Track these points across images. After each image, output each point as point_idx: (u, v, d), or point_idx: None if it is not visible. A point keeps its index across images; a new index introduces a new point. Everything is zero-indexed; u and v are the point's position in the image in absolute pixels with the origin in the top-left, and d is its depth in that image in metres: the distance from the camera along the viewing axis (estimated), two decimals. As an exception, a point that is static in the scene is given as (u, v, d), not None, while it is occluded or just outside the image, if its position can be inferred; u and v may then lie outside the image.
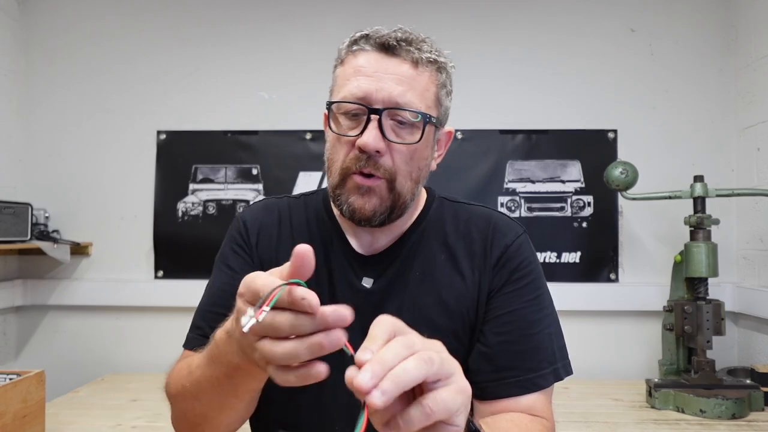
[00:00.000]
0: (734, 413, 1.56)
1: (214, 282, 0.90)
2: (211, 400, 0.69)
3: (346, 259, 0.88)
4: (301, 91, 2.19)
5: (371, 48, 0.82)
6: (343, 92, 0.82)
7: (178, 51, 2.22)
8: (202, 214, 2.17)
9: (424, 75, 0.83)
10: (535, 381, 0.82)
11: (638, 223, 2.12)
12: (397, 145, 0.80)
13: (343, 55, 0.86)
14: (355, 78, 0.81)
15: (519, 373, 0.81)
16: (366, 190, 0.81)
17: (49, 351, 2.17)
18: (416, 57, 0.82)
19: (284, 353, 0.47)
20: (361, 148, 0.78)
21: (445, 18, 2.18)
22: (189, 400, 0.72)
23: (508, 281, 0.86)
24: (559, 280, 2.08)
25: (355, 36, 0.85)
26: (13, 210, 1.91)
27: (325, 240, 0.90)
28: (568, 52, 2.16)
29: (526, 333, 0.84)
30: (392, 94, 0.79)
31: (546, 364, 0.83)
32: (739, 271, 2.06)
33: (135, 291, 2.15)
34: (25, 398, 1.31)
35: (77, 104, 2.23)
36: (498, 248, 0.88)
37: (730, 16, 2.12)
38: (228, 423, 0.74)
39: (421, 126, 0.81)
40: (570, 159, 2.13)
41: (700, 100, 2.13)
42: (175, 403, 0.78)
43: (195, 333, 0.87)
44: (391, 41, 0.81)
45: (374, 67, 0.81)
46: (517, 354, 0.82)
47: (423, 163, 0.85)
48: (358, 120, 0.81)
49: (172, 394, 0.78)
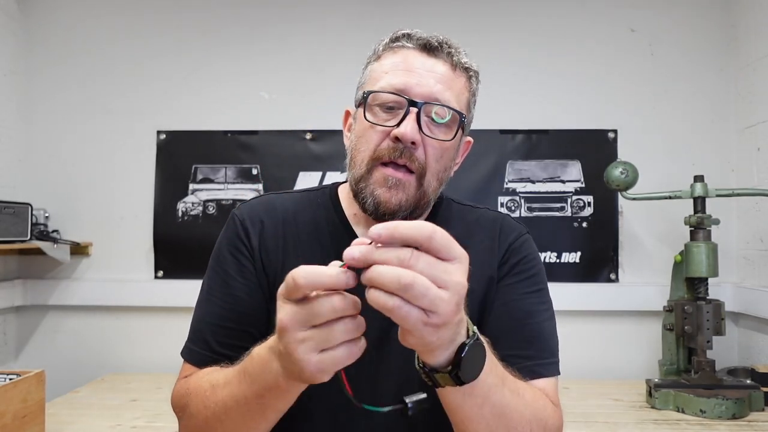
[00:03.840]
0: (734, 413, 1.56)
1: (214, 290, 0.85)
2: (236, 421, 0.67)
3: None
4: (302, 91, 2.19)
5: (413, 46, 0.83)
6: (382, 83, 0.82)
7: (178, 51, 2.22)
8: (202, 214, 2.17)
9: (460, 79, 0.85)
10: (534, 368, 0.81)
11: (638, 223, 2.12)
12: (430, 140, 0.81)
13: (380, 51, 0.87)
14: (395, 72, 0.82)
15: (520, 360, 0.80)
16: (394, 182, 0.80)
17: (49, 351, 2.17)
18: (455, 61, 0.84)
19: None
20: (397, 137, 0.78)
21: (445, 18, 2.18)
22: (211, 422, 0.70)
23: (511, 273, 0.87)
24: (559, 280, 2.08)
25: (396, 34, 0.86)
26: (13, 210, 1.91)
27: (336, 241, 0.87)
28: (568, 52, 2.16)
29: (527, 321, 0.84)
30: (432, 90, 0.80)
31: (547, 354, 0.83)
32: (739, 271, 2.06)
33: (135, 291, 2.15)
34: (25, 398, 1.31)
35: (77, 104, 2.23)
36: (504, 244, 0.89)
37: (730, 16, 2.12)
38: None
39: (454, 126, 0.82)
40: (570, 159, 2.13)
41: (700, 100, 2.13)
42: (189, 421, 0.75)
43: (201, 347, 0.83)
44: (434, 42, 0.83)
45: (415, 64, 0.82)
46: (518, 341, 0.82)
47: (449, 164, 0.86)
48: (394, 113, 0.81)
49: (187, 412, 0.75)
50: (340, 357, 0.52)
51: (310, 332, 0.52)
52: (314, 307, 0.51)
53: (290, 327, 0.52)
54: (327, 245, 0.87)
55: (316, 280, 0.51)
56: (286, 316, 0.52)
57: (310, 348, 0.52)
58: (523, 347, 0.82)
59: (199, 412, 0.72)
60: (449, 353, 0.56)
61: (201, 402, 0.72)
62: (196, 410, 0.73)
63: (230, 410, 0.67)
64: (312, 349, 0.52)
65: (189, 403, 0.75)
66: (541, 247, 2.10)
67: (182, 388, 0.79)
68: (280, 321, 0.53)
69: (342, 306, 0.51)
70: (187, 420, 0.76)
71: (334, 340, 0.52)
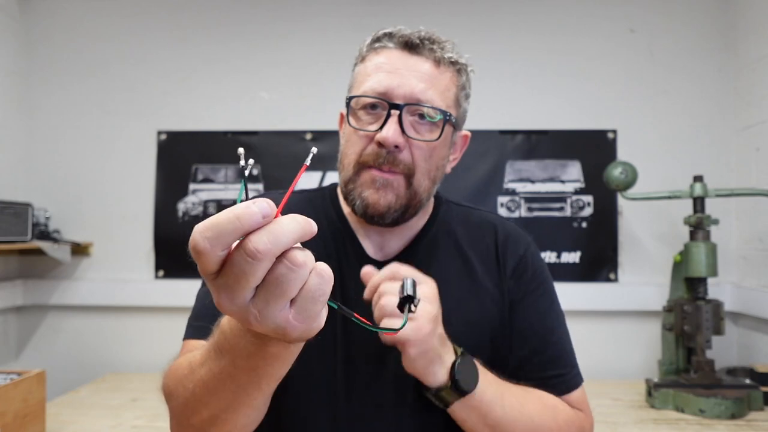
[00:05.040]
0: (733, 413, 1.56)
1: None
2: (223, 399, 0.60)
3: (359, 263, 0.84)
4: (301, 92, 2.20)
5: (394, 45, 0.83)
6: (364, 87, 0.81)
7: (178, 51, 2.23)
8: (202, 214, 2.17)
9: (445, 75, 0.83)
10: (563, 386, 0.86)
11: (638, 223, 2.12)
12: (416, 142, 0.80)
13: (364, 52, 0.86)
14: (377, 74, 0.81)
15: (553, 379, 0.85)
16: (382, 183, 0.79)
17: (49, 351, 2.18)
18: (438, 56, 0.82)
19: None
20: (380, 143, 0.78)
21: (445, 19, 2.18)
22: (192, 404, 0.64)
23: (527, 292, 0.88)
24: (559, 280, 2.05)
25: (378, 34, 0.85)
26: (13, 210, 1.92)
27: (336, 242, 0.87)
28: (567, 52, 2.16)
29: (550, 340, 0.87)
30: (414, 91, 0.79)
31: (571, 366, 0.88)
32: (739, 271, 2.06)
33: (135, 291, 2.16)
34: (25, 398, 1.31)
35: (78, 104, 2.23)
36: (513, 258, 0.89)
37: (729, 17, 2.12)
38: (244, 424, 0.64)
39: (440, 124, 0.81)
40: (570, 159, 2.14)
41: (700, 100, 2.13)
42: (174, 406, 0.69)
43: (201, 323, 0.79)
44: (415, 39, 0.82)
45: (396, 64, 0.81)
46: (546, 363, 0.86)
47: (440, 162, 0.85)
48: (378, 115, 0.80)
49: (169, 395, 0.70)
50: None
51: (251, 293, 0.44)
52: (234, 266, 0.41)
53: (224, 305, 0.44)
54: (328, 245, 0.87)
55: (216, 230, 0.40)
56: (215, 297, 0.44)
57: (259, 306, 0.44)
58: (551, 368, 0.86)
59: (179, 394, 0.67)
60: (445, 371, 0.73)
61: (180, 383, 0.67)
62: (176, 392, 0.68)
63: (214, 389, 0.60)
64: (264, 306, 0.44)
65: (168, 382, 0.71)
66: (541, 247, 2.10)
67: (168, 368, 0.73)
68: (218, 306, 0.45)
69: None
70: (170, 404, 0.70)
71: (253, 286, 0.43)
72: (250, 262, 0.40)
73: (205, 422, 0.63)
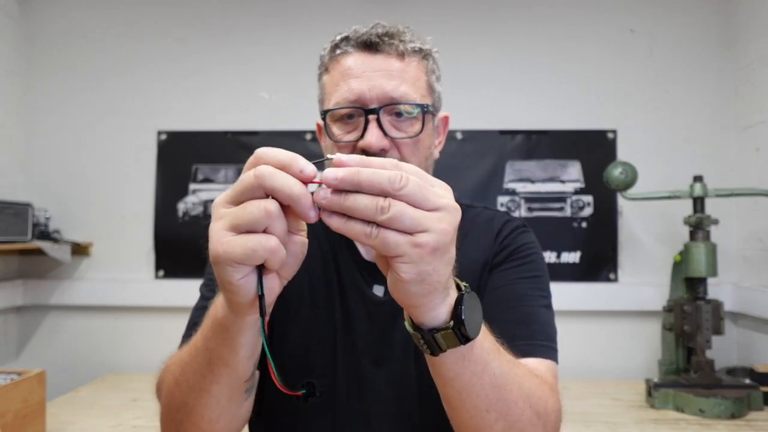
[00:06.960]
0: (733, 413, 1.56)
1: (213, 291, 0.82)
2: (190, 381, 0.64)
3: (355, 265, 0.85)
4: (302, 92, 2.19)
5: (354, 49, 0.81)
6: (335, 98, 0.80)
7: (178, 51, 2.23)
8: (202, 214, 2.17)
9: (411, 65, 0.82)
10: (525, 348, 0.75)
11: (638, 223, 2.12)
12: (401, 140, 0.79)
13: (326, 61, 0.85)
14: (345, 81, 0.79)
15: (512, 340, 0.72)
16: None
17: (49, 351, 2.18)
18: (401, 49, 0.81)
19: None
20: (365, 150, 0.77)
21: (445, 19, 2.18)
22: (173, 389, 0.67)
23: (506, 260, 0.86)
24: (559, 280, 2.08)
25: (335, 40, 0.83)
26: (13, 210, 1.92)
27: (333, 245, 0.87)
28: (567, 52, 2.16)
29: (519, 304, 0.81)
30: (386, 90, 0.78)
31: (542, 336, 0.79)
32: (739, 271, 2.06)
33: (135, 291, 2.16)
34: (25, 398, 1.31)
35: (78, 104, 2.23)
36: (503, 234, 0.88)
37: (729, 17, 2.12)
38: (210, 417, 0.65)
39: (420, 117, 0.80)
40: (570, 159, 2.14)
41: (700, 100, 2.13)
42: (162, 400, 0.72)
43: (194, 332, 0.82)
44: (373, 38, 0.81)
45: (361, 68, 0.80)
46: (509, 322, 0.77)
47: (428, 152, 0.85)
48: (355, 123, 0.80)
49: (159, 388, 0.73)
50: (252, 243, 0.47)
51: (230, 210, 0.49)
52: (247, 206, 0.48)
53: (217, 202, 0.50)
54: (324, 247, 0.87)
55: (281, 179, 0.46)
56: (218, 199, 0.50)
57: (224, 225, 0.48)
58: (513, 327, 0.77)
59: (167, 381, 0.69)
60: (447, 307, 0.53)
61: (168, 370, 0.69)
62: (165, 380, 0.70)
63: (186, 372, 0.64)
64: (225, 227, 0.48)
65: (160, 375, 0.72)
66: (541, 247, 2.09)
67: (161, 369, 0.75)
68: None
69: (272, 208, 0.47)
70: (161, 394, 0.72)
71: (247, 218, 0.47)
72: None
73: (180, 412, 0.66)
